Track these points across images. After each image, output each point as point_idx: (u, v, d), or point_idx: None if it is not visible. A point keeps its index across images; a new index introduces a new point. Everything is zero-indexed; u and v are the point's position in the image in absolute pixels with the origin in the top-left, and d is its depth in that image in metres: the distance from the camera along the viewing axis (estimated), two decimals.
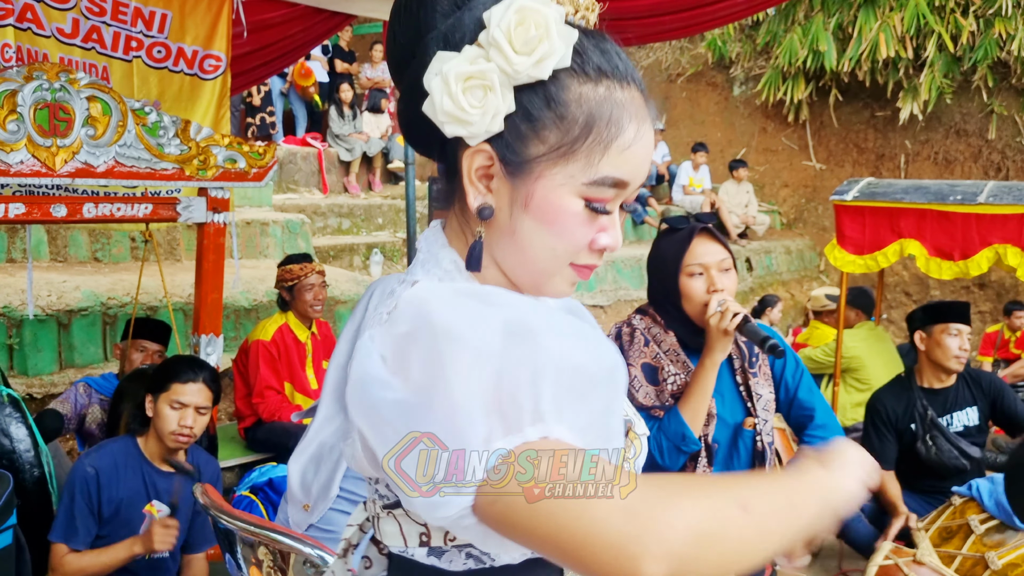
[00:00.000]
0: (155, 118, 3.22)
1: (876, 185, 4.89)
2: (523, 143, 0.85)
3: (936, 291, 10.28)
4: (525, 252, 0.89)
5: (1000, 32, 10.19)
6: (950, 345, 3.55)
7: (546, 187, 0.86)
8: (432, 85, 0.84)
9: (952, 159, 11.14)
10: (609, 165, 0.86)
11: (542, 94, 0.85)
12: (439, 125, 0.85)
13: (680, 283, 2.16)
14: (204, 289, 3.50)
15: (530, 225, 0.88)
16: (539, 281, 0.92)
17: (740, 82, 12.44)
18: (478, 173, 0.88)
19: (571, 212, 0.87)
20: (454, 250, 0.93)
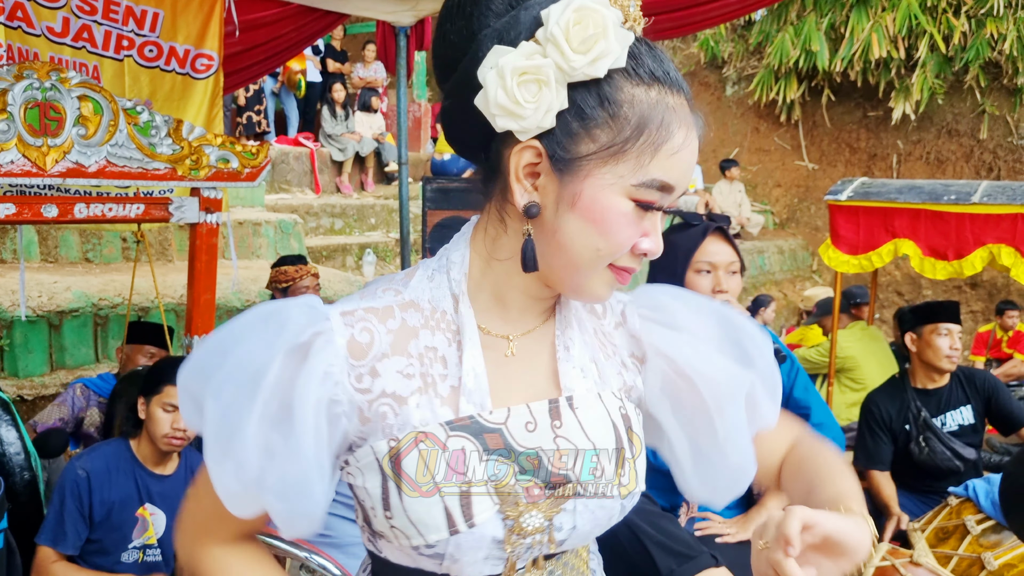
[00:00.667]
0: (147, 117, 3.19)
1: (870, 185, 4.88)
2: (574, 140, 0.86)
3: (928, 291, 10.30)
4: (567, 251, 0.88)
5: (992, 32, 10.22)
6: (941, 345, 3.55)
7: (595, 186, 0.86)
8: (487, 78, 0.84)
9: (944, 159, 11.17)
10: (658, 168, 0.86)
11: (596, 93, 0.85)
12: (490, 118, 0.85)
13: (687, 278, 2.16)
14: (197, 290, 3.47)
15: (576, 224, 0.87)
16: (578, 281, 0.91)
17: (733, 82, 12.45)
18: (526, 170, 0.88)
19: (619, 212, 0.87)
20: (474, 245, 0.95)
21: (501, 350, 0.95)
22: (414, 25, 4.93)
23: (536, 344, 0.98)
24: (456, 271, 0.94)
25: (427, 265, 0.96)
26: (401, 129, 5.05)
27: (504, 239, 0.93)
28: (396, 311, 0.92)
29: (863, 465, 3.65)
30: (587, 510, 0.94)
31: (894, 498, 3.50)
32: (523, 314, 0.97)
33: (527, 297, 0.96)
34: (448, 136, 0.97)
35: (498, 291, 0.95)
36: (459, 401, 0.89)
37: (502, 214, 0.92)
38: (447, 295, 0.93)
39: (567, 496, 0.92)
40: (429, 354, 0.91)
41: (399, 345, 0.90)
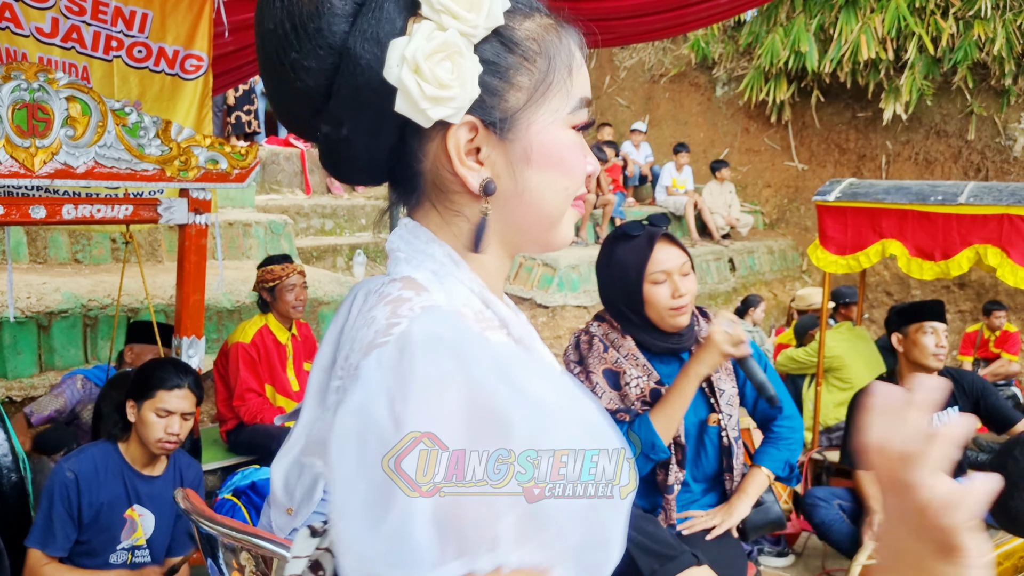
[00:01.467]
0: (135, 118, 3.19)
1: (858, 186, 4.91)
2: (502, 98, 0.83)
3: (917, 291, 10.35)
4: (540, 206, 0.87)
5: (979, 34, 10.28)
6: (927, 344, 3.57)
7: (540, 131, 0.84)
8: (402, 76, 0.78)
9: (932, 159, 11.23)
10: (578, 86, 0.86)
11: (498, 43, 0.82)
12: (419, 115, 0.79)
13: (644, 291, 2.17)
14: (186, 291, 3.47)
15: (538, 177, 0.85)
16: (553, 232, 0.90)
17: (723, 83, 12.49)
18: (465, 150, 0.83)
19: (569, 143, 0.86)
20: (444, 242, 0.88)
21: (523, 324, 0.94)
22: None
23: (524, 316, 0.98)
24: (460, 272, 0.88)
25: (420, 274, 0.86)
26: None
27: (467, 228, 0.88)
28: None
29: (851, 464, 3.67)
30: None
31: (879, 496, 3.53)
32: (501, 296, 0.94)
33: (501, 277, 0.94)
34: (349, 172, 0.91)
35: (487, 279, 0.90)
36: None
37: (450, 206, 0.87)
38: (469, 295, 0.87)
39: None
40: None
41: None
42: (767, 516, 2.36)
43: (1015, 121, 10.89)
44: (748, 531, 2.33)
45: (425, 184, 0.87)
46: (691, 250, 10.32)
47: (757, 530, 2.36)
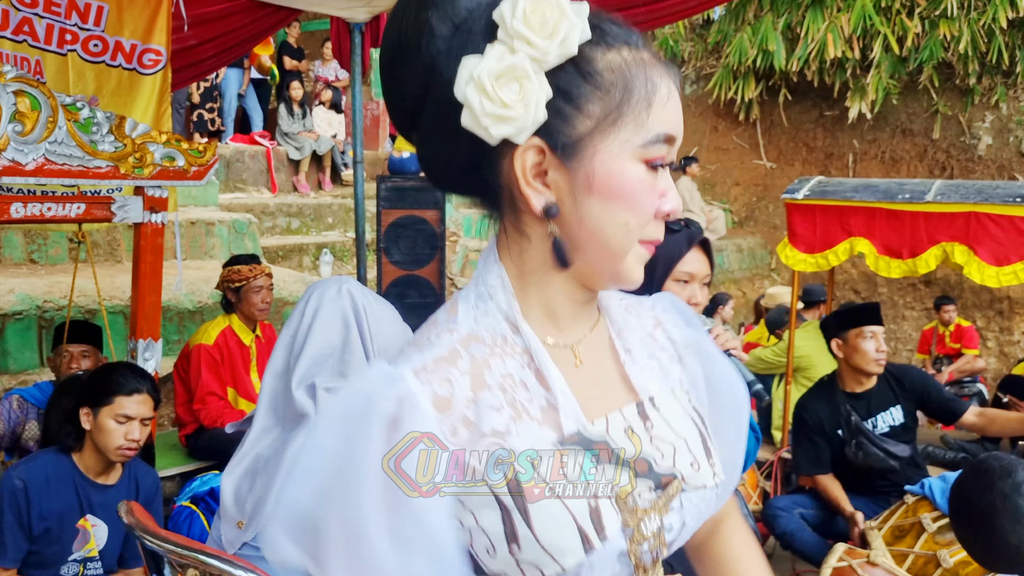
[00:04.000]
0: (88, 114, 3.08)
1: (827, 184, 4.90)
2: (570, 124, 0.84)
3: (884, 288, 10.44)
4: (598, 237, 0.87)
5: (945, 34, 10.38)
6: (867, 349, 3.57)
7: (605, 160, 0.84)
8: (467, 94, 0.82)
9: (899, 158, 11.32)
10: (657, 121, 0.85)
11: (573, 71, 0.84)
12: (483, 132, 0.83)
13: (665, 285, 2.14)
14: (142, 292, 3.37)
15: (599, 206, 0.85)
16: (616, 267, 0.89)
17: (691, 81, 12.51)
18: (532, 172, 0.86)
19: (636, 178, 0.85)
20: (504, 264, 0.92)
21: (569, 361, 0.93)
22: (369, 22, 4.84)
23: (596, 350, 0.96)
24: (500, 295, 0.91)
25: (465, 297, 0.93)
26: (356, 127, 4.95)
27: (531, 250, 0.90)
28: (460, 350, 0.87)
29: (805, 471, 3.66)
30: (691, 505, 0.94)
31: (844, 497, 3.51)
32: (573, 322, 0.94)
33: (572, 303, 0.93)
34: (439, 180, 0.95)
35: (545, 303, 0.92)
36: (559, 420, 0.87)
37: (519, 226, 0.90)
38: (500, 320, 0.90)
39: (674, 494, 0.92)
40: (507, 382, 0.87)
41: (477, 382, 0.86)
42: None
43: (979, 120, 11.01)
44: None
45: (503, 201, 0.90)
46: None
47: None
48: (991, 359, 9.75)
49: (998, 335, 10.00)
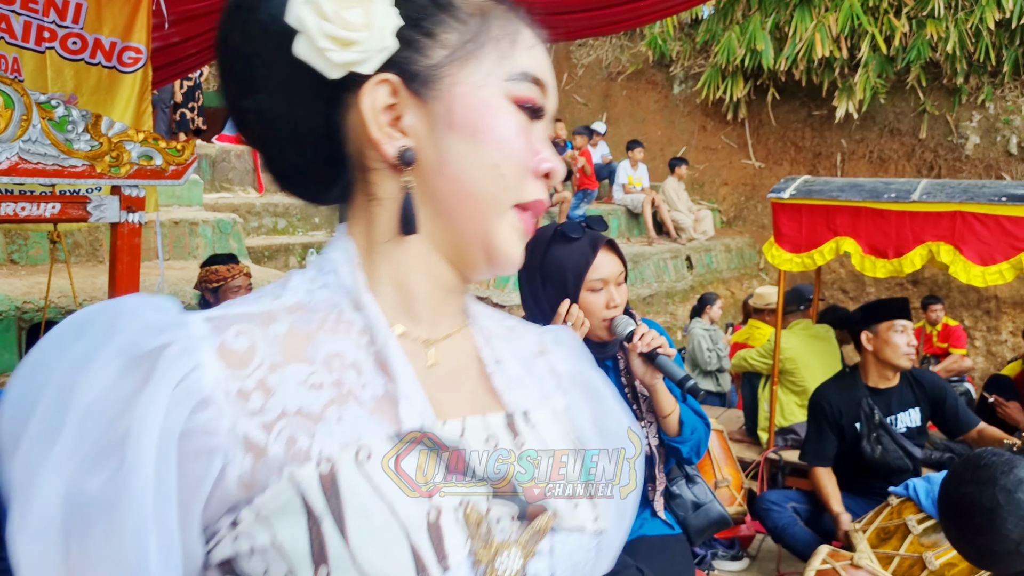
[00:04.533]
0: (63, 112, 3.03)
1: (813, 183, 4.88)
2: (423, 53, 0.73)
3: (872, 288, 10.44)
4: (464, 185, 0.74)
5: (932, 33, 10.39)
6: (899, 342, 3.52)
7: (467, 91, 0.73)
8: (303, 16, 0.70)
9: (886, 157, 11.33)
10: (523, 59, 0.76)
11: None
12: (323, 62, 0.70)
13: (581, 298, 2.10)
14: (119, 293, 3.32)
15: (462, 145, 0.73)
16: (486, 231, 0.76)
17: (680, 80, 12.50)
18: (385, 115, 0.73)
19: (504, 111, 0.74)
20: (352, 238, 0.78)
21: (420, 357, 0.77)
22: None
23: (457, 355, 0.81)
24: (344, 268, 0.76)
25: (302, 271, 0.78)
26: None
27: (383, 214, 0.76)
28: (281, 314, 0.72)
29: (810, 461, 3.62)
30: (565, 552, 0.75)
31: (836, 496, 3.48)
32: (432, 313, 0.79)
33: (433, 286, 0.78)
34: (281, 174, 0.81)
35: (398, 281, 0.77)
36: (398, 412, 0.70)
37: (370, 189, 0.77)
38: (340, 294, 0.75)
39: (544, 531, 0.73)
40: (335, 362, 0.71)
41: (293, 351, 0.70)
42: (708, 517, 2.29)
43: (967, 120, 11.02)
44: (692, 535, 2.27)
45: (352, 170, 0.78)
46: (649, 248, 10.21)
47: (700, 533, 2.29)
48: (978, 358, 9.77)
49: (985, 334, 10.01)
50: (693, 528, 2.28)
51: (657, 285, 9.41)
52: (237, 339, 0.68)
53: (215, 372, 0.66)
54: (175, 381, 0.64)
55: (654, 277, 9.45)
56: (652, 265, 9.47)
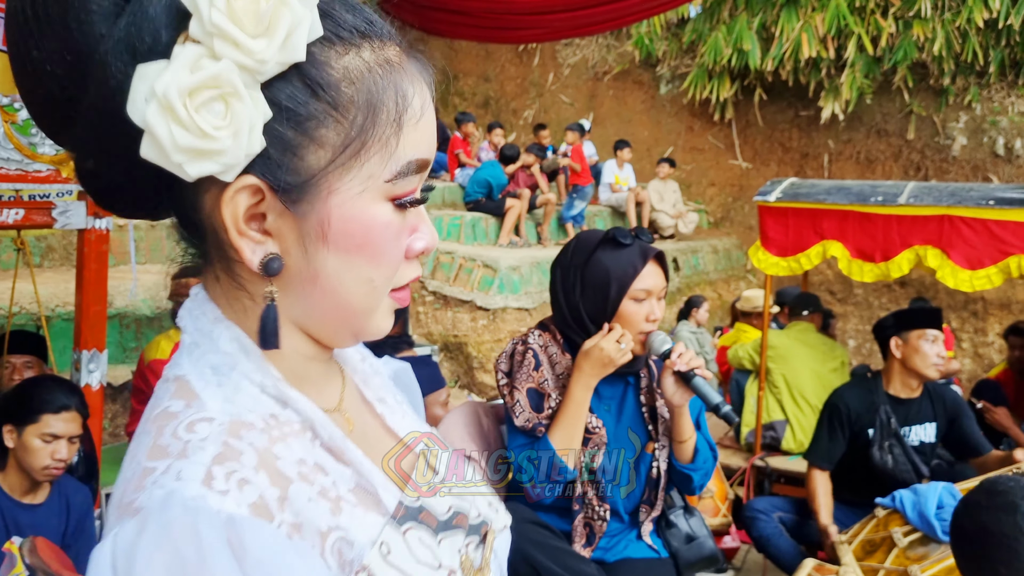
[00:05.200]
0: (26, 115, 2.94)
1: (799, 186, 4.83)
2: (297, 155, 0.64)
3: (859, 290, 10.41)
4: (336, 297, 0.69)
5: (919, 34, 10.36)
6: (929, 352, 3.45)
7: (343, 202, 0.66)
8: (148, 117, 0.59)
9: (874, 158, 11.30)
10: (408, 146, 0.68)
11: (299, 82, 0.63)
12: (175, 169, 0.61)
13: (622, 306, 2.06)
14: (86, 300, 3.23)
15: (336, 261, 0.67)
16: (359, 326, 0.73)
17: (667, 80, 12.44)
18: (246, 217, 0.65)
19: (382, 223, 0.68)
20: (233, 323, 0.71)
21: (344, 428, 0.76)
22: None
23: (356, 408, 0.82)
24: (245, 363, 0.70)
25: (197, 372, 0.70)
26: None
27: (254, 308, 0.70)
28: (234, 443, 0.65)
29: (812, 460, 3.55)
30: (502, 549, 0.86)
31: (828, 507, 3.41)
32: (326, 384, 0.78)
33: (317, 363, 0.76)
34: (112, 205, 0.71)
35: (291, 370, 0.73)
36: (378, 496, 0.72)
37: (235, 279, 0.70)
38: (258, 395, 0.70)
39: (492, 543, 0.82)
40: (304, 469, 0.68)
41: (275, 478, 0.66)
42: (701, 552, 2.23)
43: (954, 121, 11.01)
44: (681, 567, 2.20)
45: (208, 243, 0.70)
46: None
47: (690, 567, 2.23)
48: (966, 360, 9.75)
49: (972, 336, 10.00)
50: (683, 560, 2.23)
51: None
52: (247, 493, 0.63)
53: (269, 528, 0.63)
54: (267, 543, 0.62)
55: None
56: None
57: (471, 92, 13.39)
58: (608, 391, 2.13)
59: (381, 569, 0.67)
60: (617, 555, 2.12)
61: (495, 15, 4.34)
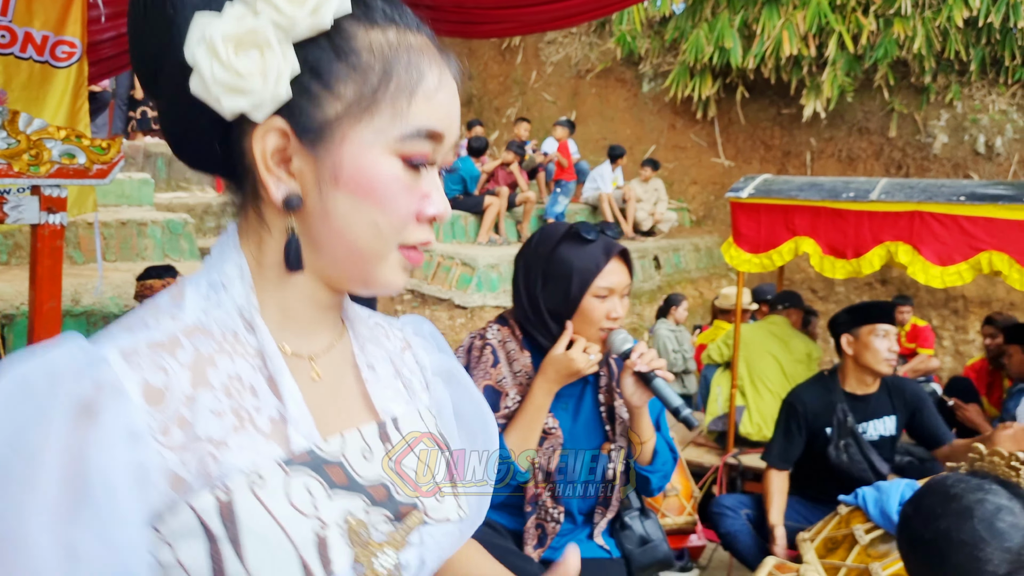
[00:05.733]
0: None
1: (772, 182, 4.80)
2: (318, 104, 0.75)
3: (840, 287, 10.42)
4: (345, 236, 0.78)
5: (899, 32, 10.37)
6: (879, 347, 3.42)
7: (355, 150, 0.76)
8: (196, 56, 0.72)
9: (855, 156, 11.31)
10: (420, 114, 0.77)
11: (327, 46, 0.75)
12: (214, 103, 0.73)
13: (584, 302, 1.99)
14: (40, 298, 3.17)
15: (346, 202, 0.76)
16: (367, 270, 0.80)
17: (649, 78, 12.43)
18: (275, 158, 0.76)
19: (389, 175, 0.77)
20: (244, 253, 0.81)
21: (306, 373, 0.83)
22: None
23: (337, 366, 0.87)
24: (238, 287, 0.80)
25: (195, 282, 0.81)
26: None
27: (271, 242, 0.80)
28: (183, 339, 0.75)
29: (771, 462, 3.53)
30: (433, 540, 0.85)
31: (779, 507, 3.40)
32: (315, 328, 0.85)
33: (315, 307, 0.84)
34: (177, 149, 0.83)
35: (282, 305, 0.82)
36: (288, 434, 0.76)
37: (261, 214, 0.80)
38: (234, 315, 0.79)
39: (413, 526, 0.83)
40: (235, 384, 0.76)
41: (199, 379, 0.74)
42: (654, 555, 2.19)
43: (935, 119, 11.02)
44: (634, 571, 2.16)
45: (247, 184, 0.81)
46: None
47: (643, 570, 2.18)
48: (946, 358, 9.76)
49: (953, 334, 10.01)
50: (636, 564, 2.18)
51: None
52: (155, 375, 0.72)
53: (142, 411, 0.70)
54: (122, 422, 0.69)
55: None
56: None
57: None
58: (566, 389, 2.07)
59: (242, 494, 0.71)
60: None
61: (464, 10, 4.29)
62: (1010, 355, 4.96)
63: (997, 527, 1.64)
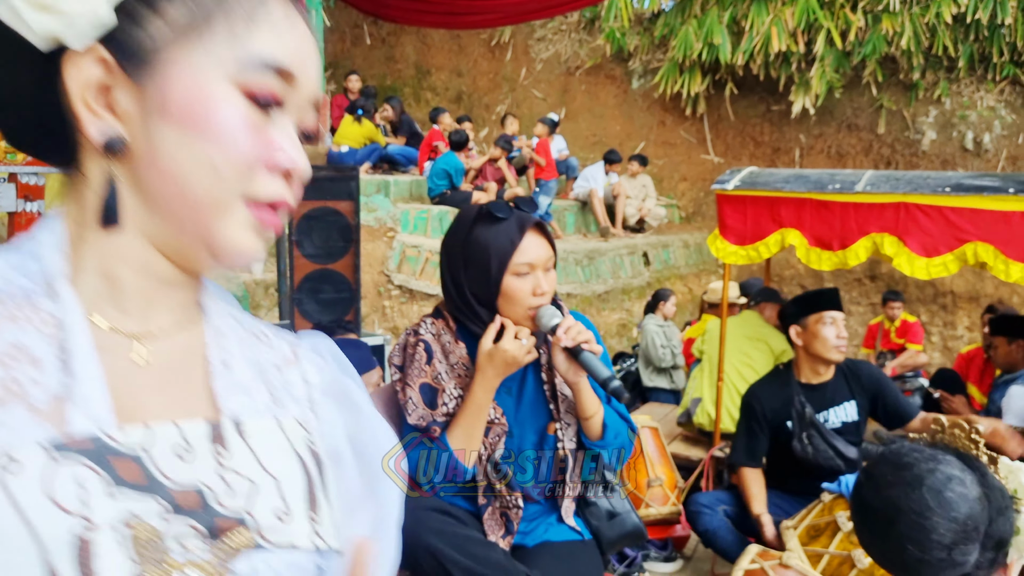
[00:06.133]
0: None
1: (758, 174, 4.79)
2: (141, 27, 0.66)
3: (829, 283, 10.42)
4: (177, 180, 0.67)
5: (888, 28, 10.39)
6: (827, 335, 3.41)
7: (185, 74, 0.66)
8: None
9: (844, 152, 11.33)
10: (262, 44, 0.68)
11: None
12: (23, 26, 0.63)
13: (505, 283, 1.91)
14: None
15: (175, 136, 0.66)
16: (207, 225, 0.69)
17: (639, 75, 12.43)
18: (95, 93, 0.66)
19: (226, 102, 0.67)
20: (66, 216, 0.71)
21: (124, 353, 0.70)
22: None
23: (180, 353, 0.74)
24: (48, 253, 0.69)
25: (6, 252, 0.70)
26: None
27: (92, 197, 0.69)
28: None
29: (738, 461, 3.53)
30: (270, 569, 0.69)
31: (760, 498, 3.39)
32: (150, 305, 0.73)
33: (151, 279, 0.72)
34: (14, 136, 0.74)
35: (104, 271, 0.70)
36: (65, 413, 0.63)
37: (82, 167, 0.70)
38: (37, 279, 0.68)
39: (239, 548, 0.67)
40: (14, 353, 0.64)
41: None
42: (623, 528, 2.15)
43: (923, 115, 11.05)
44: (604, 545, 2.13)
45: (71, 143, 0.70)
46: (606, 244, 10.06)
47: (613, 544, 2.15)
48: (935, 353, 9.78)
49: (942, 329, 10.03)
50: (606, 539, 2.14)
51: (613, 281, 9.32)
52: None
53: None
54: None
55: (610, 273, 9.36)
56: (608, 261, 9.38)
57: (443, 87, 13.32)
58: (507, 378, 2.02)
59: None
60: (537, 539, 2.03)
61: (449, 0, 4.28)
62: (995, 347, 4.96)
63: (945, 496, 1.62)
